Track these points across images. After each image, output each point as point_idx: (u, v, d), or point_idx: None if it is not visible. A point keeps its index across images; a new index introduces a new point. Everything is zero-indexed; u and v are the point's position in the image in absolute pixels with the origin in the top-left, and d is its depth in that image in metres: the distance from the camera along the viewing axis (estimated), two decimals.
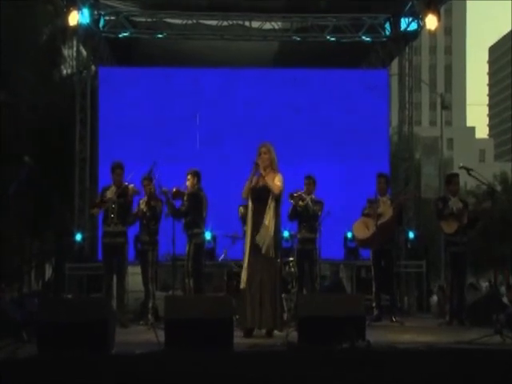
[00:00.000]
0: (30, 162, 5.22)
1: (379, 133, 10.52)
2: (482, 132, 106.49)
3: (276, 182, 5.46)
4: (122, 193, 6.78)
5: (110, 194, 6.83)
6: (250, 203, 5.50)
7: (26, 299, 6.67)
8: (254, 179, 5.53)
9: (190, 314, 4.36)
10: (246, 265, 5.41)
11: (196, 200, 6.82)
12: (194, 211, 6.83)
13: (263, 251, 5.38)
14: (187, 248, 6.88)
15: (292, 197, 7.13)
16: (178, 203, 6.94)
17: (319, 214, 7.25)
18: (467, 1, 61.23)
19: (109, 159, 7.91)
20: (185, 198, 6.85)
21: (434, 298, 10.94)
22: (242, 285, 5.38)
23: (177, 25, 10.56)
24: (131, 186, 6.80)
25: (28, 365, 3.72)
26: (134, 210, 7.07)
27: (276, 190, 5.44)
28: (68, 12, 9.68)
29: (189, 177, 6.92)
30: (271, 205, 5.44)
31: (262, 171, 5.46)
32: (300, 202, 7.14)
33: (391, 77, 11.87)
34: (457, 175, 7.30)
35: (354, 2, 10.07)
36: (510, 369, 3.50)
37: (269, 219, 5.40)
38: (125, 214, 6.84)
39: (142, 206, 7.09)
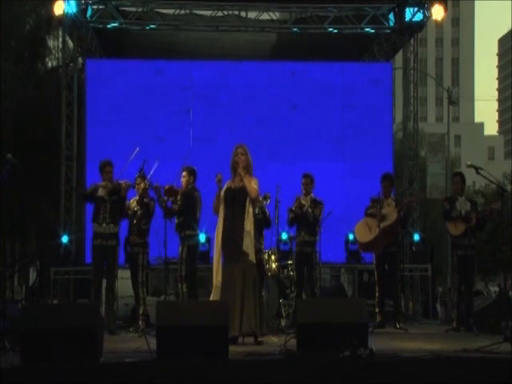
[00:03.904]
0: (12, 159, 5.21)
1: (383, 129, 10.55)
2: (491, 128, 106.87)
3: (253, 185, 5.43)
4: (114, 190, 6.75)
5: (101, 192, 6.80)
6: (222, 206, 5.44)
7: (8, 305, 6.65)
8: (226, 183, 5.49)
9: (183, 320, 4.36)
10: (219, 271, 5.36)
11: (190, 199, 6.80)
12: (187, 212, 6.82)
13: (250, 258, 5.38)
14: (180, 251, 6.86)
15: (291, 210, 7.22)
16: (169, 203, 6.92)
17: (319, 217, 7.27)
18: None
19: (97, 157, 7.90)
20: (178, 196, 6.82)
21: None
22: (217, 292, 5.34)
23: (169, 15, 10.57)
24: (123, 181, 6.76)
25: (10, 375, 3.72)
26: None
27: (253, 194, 5.39)
28: (53, 1, 9.68)
29: (184, 173, 6.88)
30: (249, 209, 5.40)
31: (240, 171, 5.40)
32: (298, 211, 7.19)
33: (395, 70, 11.92)
34: (457, 174, 7.32)
35: None
36: None
37: (249, 224, 5.37)
38: (118, 213, 6.82)
39: (133, 204, 7.07)
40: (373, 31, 10.68)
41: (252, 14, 10.72)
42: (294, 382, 3.47)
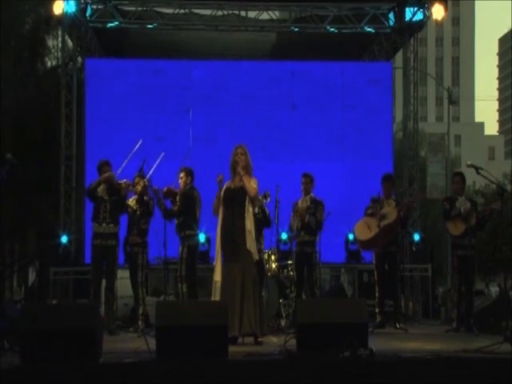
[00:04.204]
0: (11, 159, 5.21)
1: (382, 129, 10.55)
2: (492, 128, 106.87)
3: (252, 184, 5.45)
4: (115, 190, 6.77)
5: (101, 192, 6.81)
6: (221, 206, 5.46)
7: (7, 306, 6.66)
8: (226, 183, 5.51)
9: (182, 320, 4.36)
10: (220, 272, 5.38)
11: (189, 200, 6.81)
12: (186, 212, 6.83)
13: (255, 257, 5.40)
14: (180, 251, 6.87)
15: (291, 229, 7.28)
16: (169, 203, 6.94)
17: (322, 219, 7.27)
18: None
19: (96, 156, 7.91)
20: (177, 197, 6.84)
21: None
22: (217, 292, 5.35)
23: (168, 14, 10.57)
24: (123, 181, 6.77)
25: (10, 375, 3.72)
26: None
27: (252, 192, 5.41)
28: (52, 0, 9.68)
29: (181, 175, 6.91)
30: (249, 208, 5.42)
31: (240, 170, 5.42)
32: (299, 224, 7.21)
33: (395, 70, 11.91)
34: (457, 174, 7.34)
35: None
36: None
37: (250, 224, 5.39)
38: (118, 213, 6.83)
39: (132, 203, 7.08)
40: (373, 31, 10.68)
41: (252, 14, 10.72)
42: (293, 383, 3.47)
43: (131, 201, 7.10)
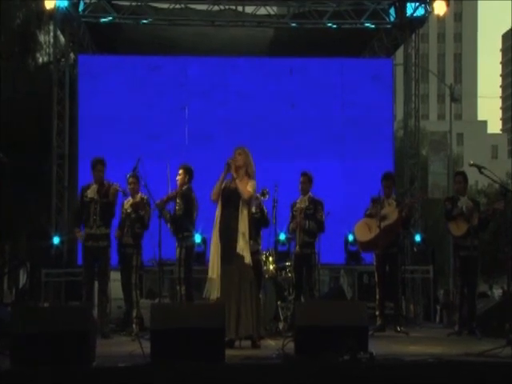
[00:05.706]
0: (2, 157, 5.21)
1: (383, 127, 10.55)
2: (495, 126, 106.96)
3: (248, 187, 5.47)
4: (105, 192, 6.77)
5: (91, 193, 6.82)
6: (218, 206, 5.49)
7: None
8: (226, 181, 5.53)
9: (178, 323, 4.36)
10: (215, 275, 5.40)
11: (188, 201, 6.82)
12: (184, 213, 6.83)
13: (246, 261, 5.40)
14: (177, 252, 6.87)
15: (289, 232, 7.29)
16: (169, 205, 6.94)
17: (322, 219, 7.27)
18: None
19: (89, 155, 7.90)
20: (177, 199, 6.83)
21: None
22: (214, 295, 5.36)
23: (163, 9, 10.56)
24: (114, 185, 6.77)
25: (0, 379, 3.72)
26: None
27: (245, 195, 5.42)
28: None
29: (180, 171, 6.90)
30: (243, 210, 5.44)
31: (233, 172, 5.44)
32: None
33: (396, 66, 11.92)
34: (459, 173, 7.35)
35: None
36: None
37: (244, 226, 5.41)
38: (108, 216, 6.83)
39: (127, 206, 7.07)
40: (373, 26, 10.68)
41: (249, 9, 10.72)
42: None
43: (126, 203, 7.10)
